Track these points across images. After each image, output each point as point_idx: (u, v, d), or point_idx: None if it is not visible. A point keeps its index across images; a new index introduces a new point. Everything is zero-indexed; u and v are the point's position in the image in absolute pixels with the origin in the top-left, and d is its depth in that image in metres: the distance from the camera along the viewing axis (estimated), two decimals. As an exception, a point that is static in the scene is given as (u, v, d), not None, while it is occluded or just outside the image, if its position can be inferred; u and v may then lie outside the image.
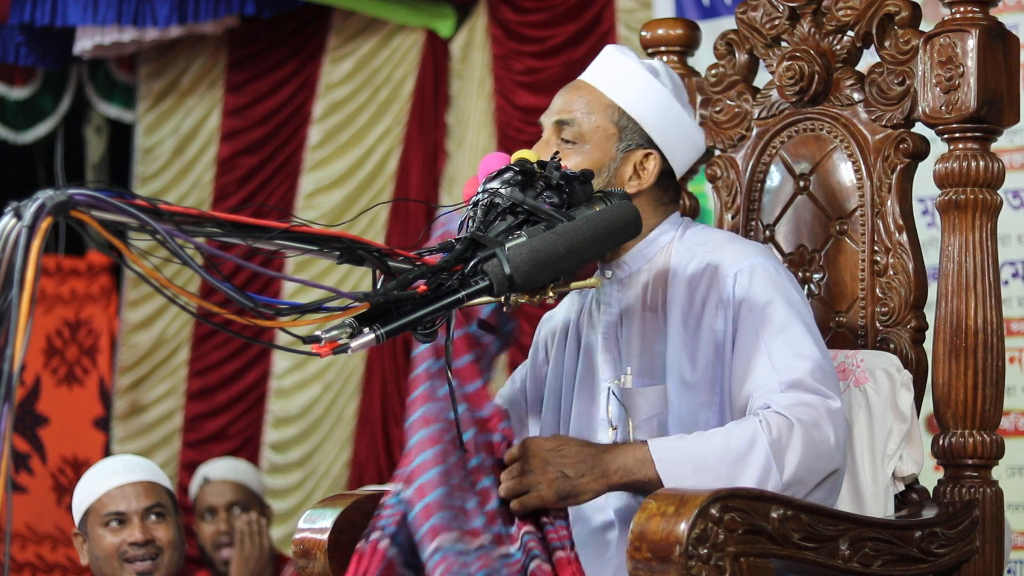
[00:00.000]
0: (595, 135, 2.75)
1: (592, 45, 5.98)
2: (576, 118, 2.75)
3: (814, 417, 2.54)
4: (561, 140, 2.76)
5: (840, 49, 2.98)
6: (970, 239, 2.79)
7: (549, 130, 2.78)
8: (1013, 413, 4.69)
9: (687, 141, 2.80)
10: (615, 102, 2.77)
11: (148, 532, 3.82)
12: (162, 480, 3.92)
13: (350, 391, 6.65)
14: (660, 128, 2.77)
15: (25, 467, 7.16)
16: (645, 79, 2.78)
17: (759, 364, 2.62)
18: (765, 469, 2.49)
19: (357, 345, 2.19)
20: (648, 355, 2.73)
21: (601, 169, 2.73)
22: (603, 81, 2.79)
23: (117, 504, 3.83)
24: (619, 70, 2.80)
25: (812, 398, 2.56)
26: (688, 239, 2.77)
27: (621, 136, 2.76)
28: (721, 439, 2.52)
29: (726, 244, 2.76)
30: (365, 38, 6.75)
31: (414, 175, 6.51)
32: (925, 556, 2.61)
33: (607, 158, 2.75)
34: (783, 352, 2.61)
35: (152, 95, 7.41)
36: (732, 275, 2.68)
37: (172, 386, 7.23)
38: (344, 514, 2.71)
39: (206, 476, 5.52)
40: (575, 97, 2.78)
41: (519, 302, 2.42)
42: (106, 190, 1.93)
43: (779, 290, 2.67)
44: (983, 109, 2.77)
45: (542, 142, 2.78)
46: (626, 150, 2.76)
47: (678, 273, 2.74)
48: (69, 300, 7.40)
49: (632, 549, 2.30)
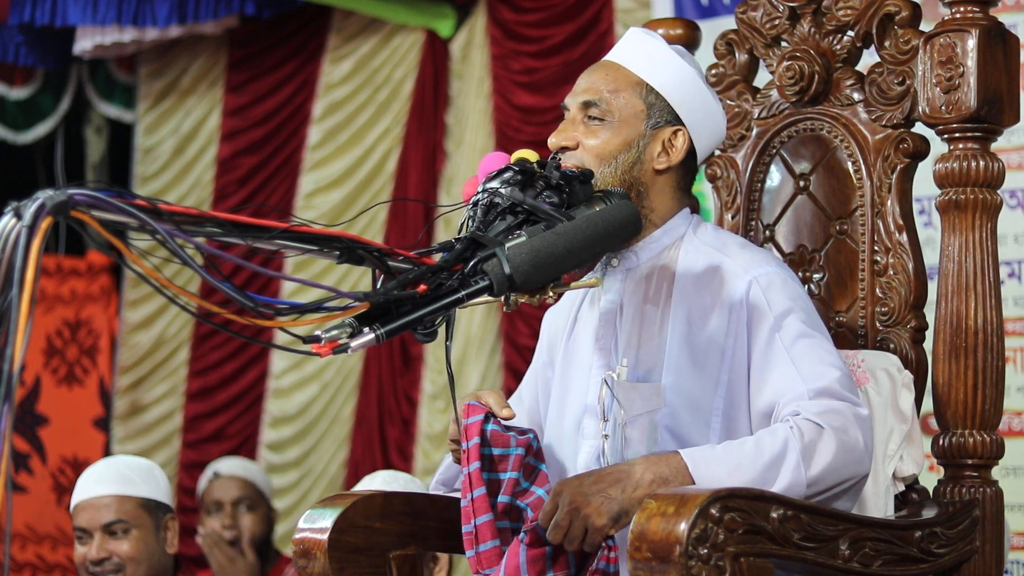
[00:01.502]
0: (624, 112, 2.73)
1: (591, 45, 5.99)
2: (604, 96, 2.73)
3: (844, 423, 2.53)
4: (588, 118, 2.73)
5: (840, 49, 2.98)
6: (970, 239, 2.79)
7: (575, 109, 2.75)
8: (1008, 413, 4.69)
9: (712, 122, 2.79)
10: (642, 79, 2.74)
11: (106, 549, 3.89)
12: (136, 489, 3.93)
13: (347, 391, 6.65)
14: (687, 105, 2.75)
15: (25, 467, 7.16)
16: (671, 57, 2.77)
17: (783, 372, 2.60)
18: (796, 475, 2.48)
19: (357, 345, 2.19)
20: (645, 349, 2.71)
21: (630, 146, 2.71)
22: (629, 59, 2.77)
23: (80, 519, 3.92)
24: (645, 48, 2.78)
25: (841, 405, 2.55)
26: (699, 237, 2.76)
27: (649, 113, 2.74)
28: (753, 446, 2.50)
29: (740, 249, 2.74)
30: (365, 38, 6.75)
31: (413, 175, 6.51)
32: (925, 556, 2.61)
33: (636, 135, 2.73)
34: (808, 360, 2.60)
35: (152, 95, 7.40)
36: (747, 281, 2.67)
37: (172, 386, 7.23)
38: (344, 514, 2.71)
39: (216, 471, 5.56)
40: (602, 76, 2.76)
41: (519, 302, 2.42)
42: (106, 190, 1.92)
43: (796, 300, 2.67)
44: (983, 109, 2.77)
45: (567, 121, 2.76)
46: (655, 127, 2.74)
47: (687, 271, 2.72)
48: (69, 300, 7.40)
49: (632, 549, 2.30)
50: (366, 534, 2.74)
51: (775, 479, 2.47)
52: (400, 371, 6.44)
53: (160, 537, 3.94)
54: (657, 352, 2.70)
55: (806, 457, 2.48)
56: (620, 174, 2.70)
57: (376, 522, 2.76)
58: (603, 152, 2.71)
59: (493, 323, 6.11)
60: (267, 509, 5.51)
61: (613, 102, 2.73)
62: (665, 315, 2.71)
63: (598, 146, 2.71)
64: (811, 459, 2.49)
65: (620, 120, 2.72)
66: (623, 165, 2.71)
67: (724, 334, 2.67)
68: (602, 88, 2.73)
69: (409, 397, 6.39)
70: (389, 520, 2.78)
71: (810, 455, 2.49)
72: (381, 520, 2.76)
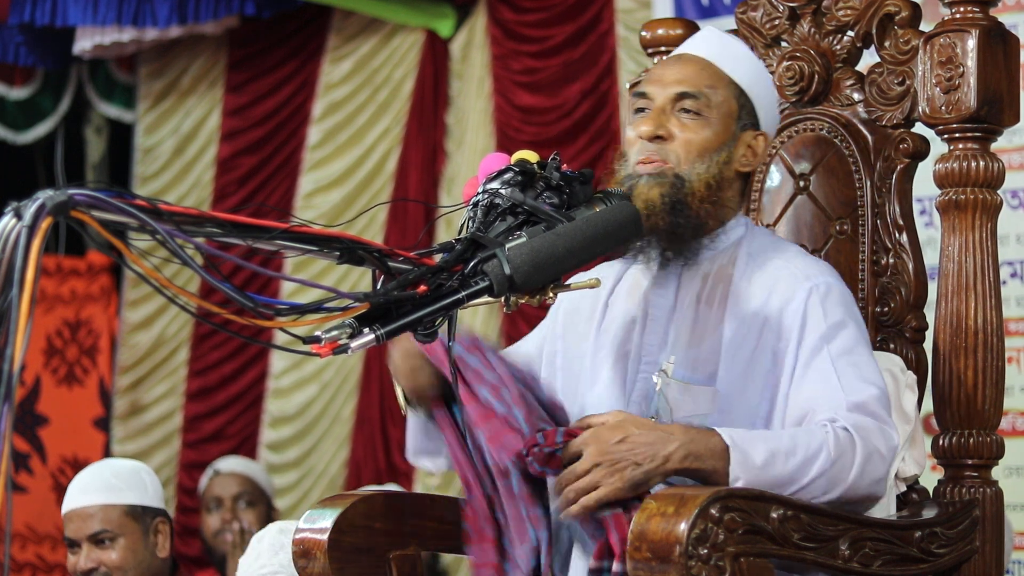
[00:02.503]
0: (720, 110, 2.68)
1: (591, 45, 5.99)
2: (703, 91, 2.67)
3: (875, 443, 2.51)
4: (683, 111, 2.67)
5: (840, 49, 2.98)
6: (970, 239, 2.79)
7: (664, 99, 2.68)
8: (1012, 413, 4.70)
9: (774, 130, 2.79)
10: (734, 79, 2.71)
11: (94, 559, 3.90)
12: (121, 497, 3.93)
13: (348, 391, 6.65)
14: (765, 111, 2.73)
15: (25, 467, 7.16)
16: (756, 60, 2.75)
17: (825, 380, 2.57)
18: (825, 479, 2.47)
19: (357, 345, 2.19)
20: (696, 349, 2.66)
21: (723, 145, 2.68)
22: (718, 56, 2.72)
23: (68, 530, 3.95)
24: (732, 47, 2.75)
25: (874, 424, 2.53)
26: (757, 240, 2.73)
27: (740, 115, 2.70)
28: (789, 440, 2.48)
29: (798, 256, 2.71)
30: (365, 38, 6.75)
31: (413, 175, 6.51)
32: (925, 556, 2.61)
33: (727, 135, 2.68)
34: (851, 373, 2.57)
35: (152, 95, 7.40)
36: (807, 288, 2.63)
37: (172, 386, 7.23)
38: (344, 514, 2.71)
39: (216, 469, 5.58)
40: (697, 69, 2.70)
41: (519, 302, 2.42)
42: (106, 190, 1.92)
43: (850, 313, 2.64)
44: (983, 109, 2.77)
45: (658, 111, 2.68)
46: (743, 129, 2.70)
47: (744, 273, 2.68)
48: (69, 300, 7.40)
49: (632, 549, 2.30)
50: (366, 534, 2.74)
51: (804, 477, 2.46)
52: (401, 371, 6.43)
53: (150, 542, 3.94)
54: (710, 353, 2.65)
55: (836, 470, 2.47)
56: (713, 173, 2.66)
57: (376, 522, 2.76)
58: (701, 148, 2.66)
59: (494, 324, 6.11)
60: (267, 506, 5.51)
61: (712, 98, 2.67)
62: (720, 316, 2.67)
63: (696, 141, 2.66)
64: (840, 475, 2.47)
65: (717, 117, 2.68)
66: (717, 163, 2.67)
67: (777, 338, 2.63)
68: (700, 82, 2.68)
69: (411, 397, 6.38)
70: (389, 520, 2.78)
71: (840, 470, 2.47)
72: (381, 520, 2.77)
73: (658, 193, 2.64)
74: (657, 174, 2.65)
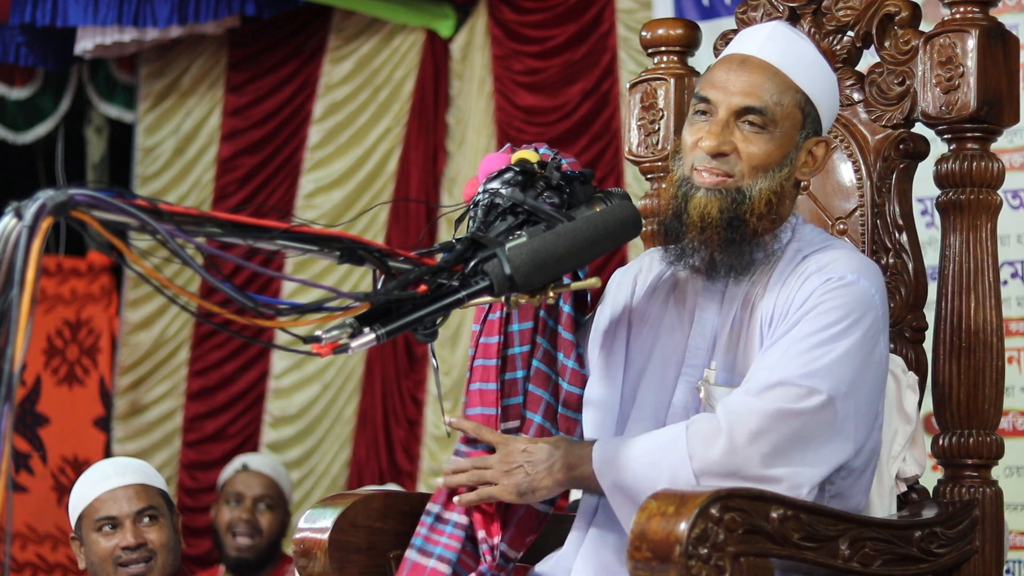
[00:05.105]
0: (786, 122, 2.62)
1: (592, 45, 5.99)
2: (768, 105, 2.60)
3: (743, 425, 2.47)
4: (748, 124, 2.60)
5: (840, 49, 2.98)
6: (970, 239, 2.79)
7: (726, 111, 2.61)
8: (1012, 413, 4.70)
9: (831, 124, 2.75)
10: (799, 85, 2.64)
11: (140, 535, 3.84)
12: (155, 482, 3.93)
13: (349, 391, 6.65)
14: (827, 116, 2.69)
15: (25, 467, 7.16)
16: (822, 62, 2.69)
17: (766, 355, 2.54)
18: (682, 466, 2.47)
19: (357, 345, 2.19)
20: (731, 352, 2.63)
21: (786, 158, 2.62)
22: (782, 60, 2.64)
23: (109, 509, 3.85)
24: (797, 49, 2.67)
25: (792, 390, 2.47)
26: (804, 240, 2.67)
27: (804, 123, 2.64)
28: (646, 440, 2.53)
29: (842, 256, 2.63)
30: (365, 38, 6.75)
31: (414, 175, 6.51)
32: (925, 556, 2.61)
33: (791, 145, 2.63)
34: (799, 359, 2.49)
35: (152, 95, 7.41)
36: (824, 278, 2.57)
37: (172, 386, 7.23)
38: (344, 514, 2.71)
39: (245, 463, 5.54)
40: (761, 79, 2.62)
41: (519, 302, 2.42)
42: (106, 190, 1.93)
43: (855, 316, 2.55)
44: (983, 109, 2.78)
45: (720, 124, 2.61)
46: (806, 137, 2.65)
47: (783, 270, 2.63)
48: (69, 300, 7.40)
49: (632, 549, 2.30)
50: (366, 534, 2.74)
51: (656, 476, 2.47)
52: (405, 371, 6.44)
53: (177, 532, 3.95)
54: (741, 355, 2.62)
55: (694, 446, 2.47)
56: (774, 188, 2.61)
57: (376, 522, 2.76)
58: (764, 164, 2.61)
59: (494, 323, 6.11)
60: (284, 512, 5.51)
61: (778, 112, 2.61)
62: (751, 318, 2.63)
63: (759, 156, 2.61)
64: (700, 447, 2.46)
65: (782, 132, 2.62)
66: (779, 177, 2.61)
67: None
68: (765, 96, 2.60)
69: (415, 397, 6.39)
70: (389, 520, 2.78)
71: (700, 444, 2.46)
72: (381, 520, 2.77)
73: (717, 208, 2.59)
74: (717, 188, 2.60)
